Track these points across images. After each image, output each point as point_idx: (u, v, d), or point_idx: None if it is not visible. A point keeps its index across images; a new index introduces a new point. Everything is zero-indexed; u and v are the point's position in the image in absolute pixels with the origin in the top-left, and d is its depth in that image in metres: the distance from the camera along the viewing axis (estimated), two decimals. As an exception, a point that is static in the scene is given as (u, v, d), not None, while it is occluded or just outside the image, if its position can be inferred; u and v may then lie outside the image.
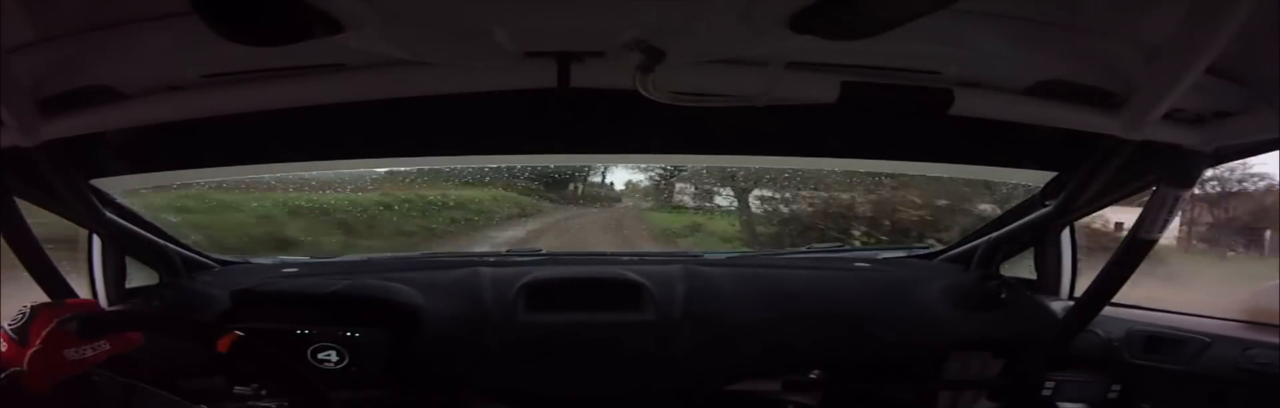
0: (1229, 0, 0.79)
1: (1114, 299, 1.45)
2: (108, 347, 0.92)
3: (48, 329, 0.85)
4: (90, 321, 0.90)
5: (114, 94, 1.04)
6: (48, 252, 1.28)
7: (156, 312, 1.11)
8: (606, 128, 1.41)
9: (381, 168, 1.64)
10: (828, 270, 1.75)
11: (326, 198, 3.36)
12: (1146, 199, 1.29)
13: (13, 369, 0.83)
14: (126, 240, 1.49)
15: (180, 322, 1.03)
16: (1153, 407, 1.50)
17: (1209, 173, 2.62)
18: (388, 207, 3.52)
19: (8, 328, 0.88)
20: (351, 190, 3.36)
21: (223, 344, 0.92)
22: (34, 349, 0.84)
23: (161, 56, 0.98)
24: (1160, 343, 1.47)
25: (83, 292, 1.40)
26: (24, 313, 0.88)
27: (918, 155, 1.60)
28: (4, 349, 0.86)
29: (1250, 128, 1.10)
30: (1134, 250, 1.32)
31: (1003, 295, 1.61)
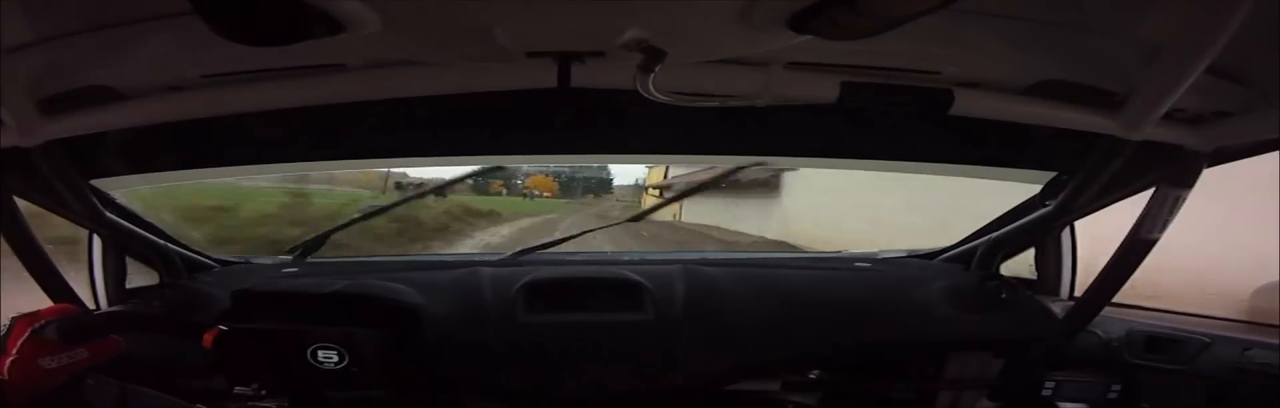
0: (1229, 0, 0.79)
1: (1114, 299, 1.45)
2: (86, 355, 0.93)
3: (23, 338, 0.87)
4: (66, 324, 0.91)
5: (114, 94, 1.04)
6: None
7: (139, 311, 1.11)
8: (606, 128, 1.41)
9: (382, 168, 1.64)
10: (828, 270, 1.75)
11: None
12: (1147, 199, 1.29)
13: None
14: (126, 240, 1.49)
15: (163, 321, 1.03)
16: (1152, 407, 1.50)
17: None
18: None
19: None
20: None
21: (207, 340, 0.93)
22: (11, 358, 0.86)
23: (161, 56, 0.98)
24: (1160, 343, 1.47)
25: (83, 292, 1.40)
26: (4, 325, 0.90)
27: (918, 155, 1.60)
28: None
29: (1250, 128, 1.10)
30: (1134, 250, 1.32)
31: (1003, 296, 1.61)
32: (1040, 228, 1.61)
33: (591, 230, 1.87)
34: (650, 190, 10.81)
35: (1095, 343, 1.52)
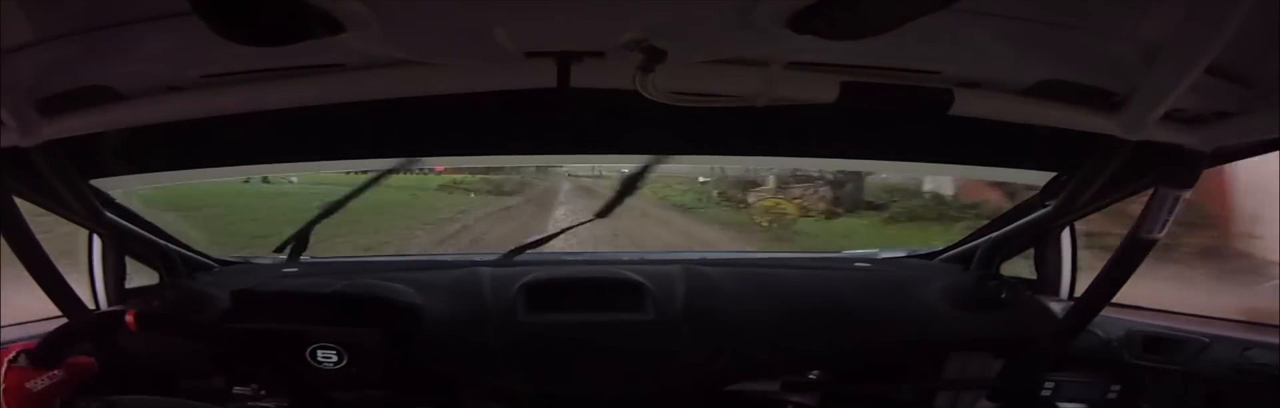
0: (1229, 0, 0.79)
1: (1114, 299, 1.45)
2: (65, 375, 1.07)
3: (3, 370, 0.94)
4: (33, 351, 1.04)
5: (114, 94, 1.04)
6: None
7: (68, 327, 1.20)
8: (606, 128, 1.41)
9: (381, 168, 1.64)
10: (828, 270, 1.75)
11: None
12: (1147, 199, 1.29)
13: None
14: (126, 241, 1.49)
15: (87, 321, 1.15)
16: (1152, 407, 1.50)
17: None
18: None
19: None
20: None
21: (130, 322, 1.06)
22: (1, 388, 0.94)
23: (161, 56, 0.98)
24: (1160, 343, 1.47)
25: (83, 292, 1.40)
26: None
27: (918, 155, 1.60)
28: None
29: (1250, 128, 1.10)
30: (1134, 251, 1.32)
31: (1003, 296, 1.61)
32: (1040, 228, 1.61)
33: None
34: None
35: (1095, 343, 1.53)
